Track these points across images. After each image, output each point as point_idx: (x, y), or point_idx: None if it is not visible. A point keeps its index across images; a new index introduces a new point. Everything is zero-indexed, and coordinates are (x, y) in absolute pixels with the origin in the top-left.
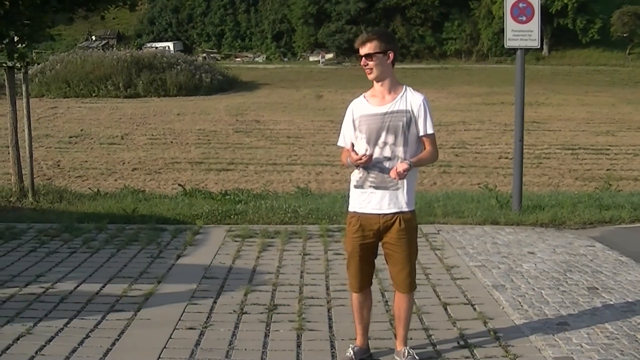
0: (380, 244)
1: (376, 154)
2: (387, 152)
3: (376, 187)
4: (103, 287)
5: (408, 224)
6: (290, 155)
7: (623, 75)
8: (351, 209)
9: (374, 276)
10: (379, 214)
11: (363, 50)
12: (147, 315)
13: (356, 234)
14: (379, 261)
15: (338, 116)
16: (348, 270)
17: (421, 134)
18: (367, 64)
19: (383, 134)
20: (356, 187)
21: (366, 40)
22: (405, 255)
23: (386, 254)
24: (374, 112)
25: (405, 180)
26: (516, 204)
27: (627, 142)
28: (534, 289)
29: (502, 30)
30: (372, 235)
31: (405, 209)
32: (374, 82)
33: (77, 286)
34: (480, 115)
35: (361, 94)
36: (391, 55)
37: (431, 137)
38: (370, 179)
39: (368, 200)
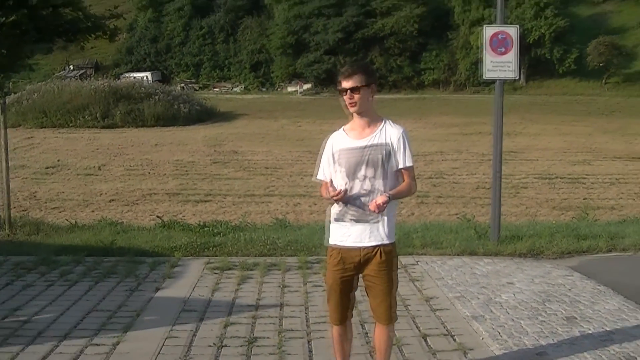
0: (360, 276)
1: (356, 187)
2: (367, 186)
3: (356, 221)
4: (81, 320)
5: (388, 256)
6: (267, 186)
7: (599, 104)
8: (331, 242)
9: (354, 308)
10: (360, 247)
11: (348, 84)
12: (126, 349)
13: (337, 267)
14: (358, 292)
15: (316, 147)
16: (328, 303)
17: (400, 166)
18: (353, 98)
19: (362, 168)
20: (336, 220)
21: (352, 73)
22: (386, 287)
23: (367, 286)
24: (353, 145)
25: (385, 213)
26: (494, 235)
27: (604, 171)
28: (513, 319)
29: (479, 61)
30: (352, 269)
31: (385, 241)
32: (355, 115)
33: (55, 320)
34: (458, 145)
35: (340, 126)
36: (374, 88)
37: (410, 169)
38: (350, 213)
39: (348, 234)
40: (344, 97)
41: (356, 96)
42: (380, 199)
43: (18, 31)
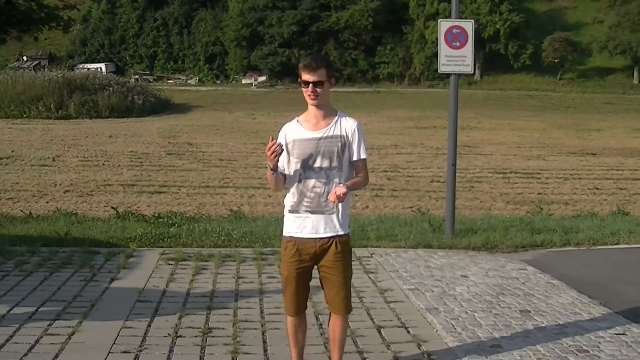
0: (315, 267)
1: (312, 178)
2: (322, 177)
3: (312, 212)
4: (36, 310)
5: (344, 247)
6: (222, 178)
7: (554, 100)
8: (286, 233)
9: (308, 299)
10: (315, 238)
11: (312, 78)
12: (82, 339)
13: (293, 259)
14: (312, 284)
15: None
16: (284, 294)
17: (354, 158)
18: (316, 91)
19: (318, 159)
20: (291, 211)
21: (316, 67)
22: (342, 278)
23: (322, 277)
24: (308, 136)
25: (340, 204)
26: (449, 228)
27: (558, 166)
28: (467, 312)
29: (434, 55)
30: (308, 260)
31: (341, 232)
32: (313, 107)
33: (10, 310)
34: (413, 139)
35: (294, 118)
36: (333, 81)
37: (364, 161)
38: (305, 204)
39: (304, 225)
40: (306, 90)
41: (319, 90)
42: (339, 189)
43: None
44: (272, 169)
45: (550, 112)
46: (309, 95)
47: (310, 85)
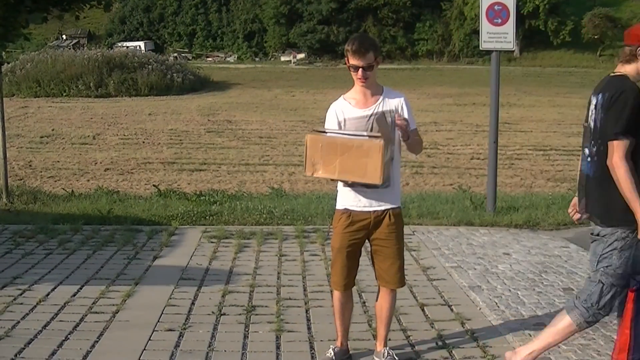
0: (368, 241)
1: None
2: None
3: (367, 186)
4: (80, 288)
5: (397, 219)
6: (262, 155)
7: (594, 77)
8: (341, 206)
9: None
10: (370, 211)
11: (362, 62)
12: (126, 317)
13: (346, 230)
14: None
15: (310, 116)
16: (333, 267)
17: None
18: (366, 75)
19: None
20: (345, 185)
21: (365, 51)
22: (396, 250)
23: (375, 250)
24: (359, 114)
25: (392, 179)
26: (490, 205)
27: None
28: (510, 290)
29: (473, 32)
30: (362, 231)
31: (394, 205)
32: (361, 86)
33: (54, 288)
34: (452, 116)
35: (333, 95)
36: (380, 60)
37: (415, 131)
38: None
39: (358, 199)
40: (355, 74)
41: (369, 73)
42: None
43: (13, 0)
44: None
45: (590, 88)
46: (359, 79)
47: (360, 70)
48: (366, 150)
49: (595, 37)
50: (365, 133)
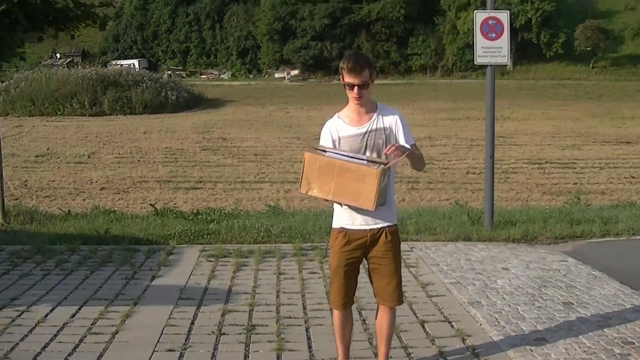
0: (365, 259)
1: None
2: None
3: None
4: (79, 309)
5: (394, 237)
6: (258, 172)
7: (587, 88)
8: (337, 225)
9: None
10: (366, 229)
11: (357, 80)
12: (125, 338)
13: (344, 249)
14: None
15: (305, 133)
16: (331, 287)
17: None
18: (361, 93)
19: (367, 153)
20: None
21: (361, 69)
22: (393, 268)
23: (372, 268)
24: (354, 132)
25: (388, 196)
26: (488, 220)
27: (593, 155)
28: (509, 305)
29: (466, 46)
30: (359, 250)
31: (390, 222)
32: (356, 104)
33: (53, 309)
34: (447, 131)
35: (328, 112)
36: (374, 77)
37: (414, 146)
38: None
39: (354, 217)
40: (351, 92)
41: (364, 91)
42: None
43: (8, 20)
44: None
45: (584, 100)
46: (354, 97)
47: (356, 88)
48: (362, 175)
49: (588, 49)
50: (365, 157)
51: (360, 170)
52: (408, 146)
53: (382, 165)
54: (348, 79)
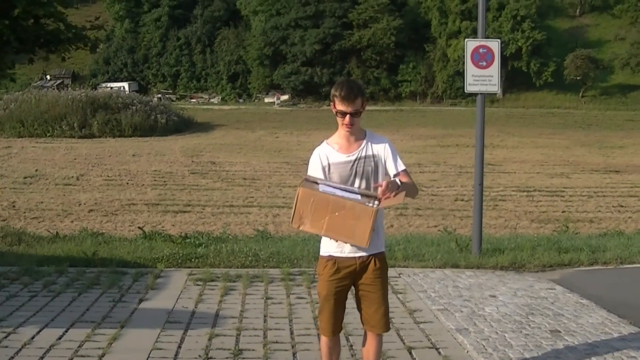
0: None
1: None
2: None
3: None
4: (66, 332)
5: (382, 264)
6: (246, 197)
7: (577, 117)
8: (325, 252)
9: None
10: (355, 257)
11: (350, 109)
12: None
13: (333, 277)
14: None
15: (294, 157)
16: (321, 314)
17: (394, 172)
18: (353, 121)
19: (356, 180)
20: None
21: (354, 98)
22: (381, 295)
23: (361, 295)
24: (343, 159)
25: (377, 224)
26: (476, 247)
27: (582, 184)
28: (497, 332)
29: (456, 73)
30: (348, 278)
31: (379, 249)
32: (346, 132)
33: (39, 331)
34: (436, 157)
35: (317, 137)
36: (365, 105)
37: (405, 172)
38: None
39: (343, 245)
40: (342, 119)
41: (356, 119)
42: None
43: None
44: None
45: (573, 129)
46: (346, 124)
47: (348, 116)
48: (358, 213)
49: (578, 78)
50: (358, 191)
51: (355, 209)
52: (398, 181)
53: (377, 203)
54: (340, 107)
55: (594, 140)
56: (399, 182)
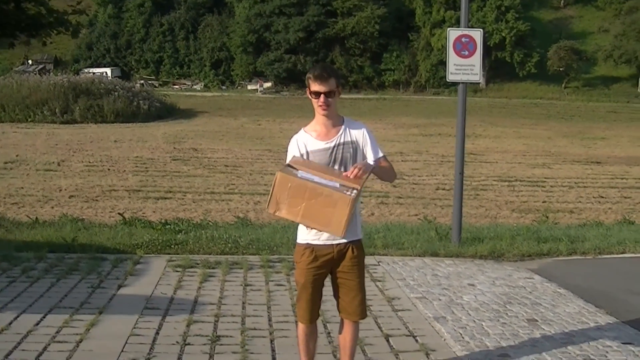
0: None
1: None
2: None
3: None
4: (43, 317)
5: (359, 251)
6: (228, 184)
7: (559, 108)
8: (302, 240)
9: None
10: (333, 244)
11: (323, 88)
12: (90, 347)
13: (310, 265)
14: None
15: (276, 145)
16: (298, 302)
17: (374, 159)
18: (327, 102)
19: (335, 167)
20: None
21: (327, 77)
22: (358, 283)
23: (338, 283)
24: (322, 146)
25: (354, 212)
26: (456, 236)
27: (563, 174)
28: (474, 321)
29: (440, 62)
30: (325, 266)
31: (356, 237)
32: (323, 116)
33: (17, 317)
34: (418, 146)
35: (300, 125)
36: (340, 89)
37: (384, 158)
38: None
39: (320, 233)
40: (317, 100)
41: (330, 100)
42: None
43: None
44: None
45: (555, 120)
46: (321, 105)
47: (322, 96)
48: (335, 200)
49: (561, 69)
50: (338, 181)
51: (332, 196)
52: (371, 162)
53: (355, 191)
54: (314, 87)
55: (575, 131)
56: (371, 163)
